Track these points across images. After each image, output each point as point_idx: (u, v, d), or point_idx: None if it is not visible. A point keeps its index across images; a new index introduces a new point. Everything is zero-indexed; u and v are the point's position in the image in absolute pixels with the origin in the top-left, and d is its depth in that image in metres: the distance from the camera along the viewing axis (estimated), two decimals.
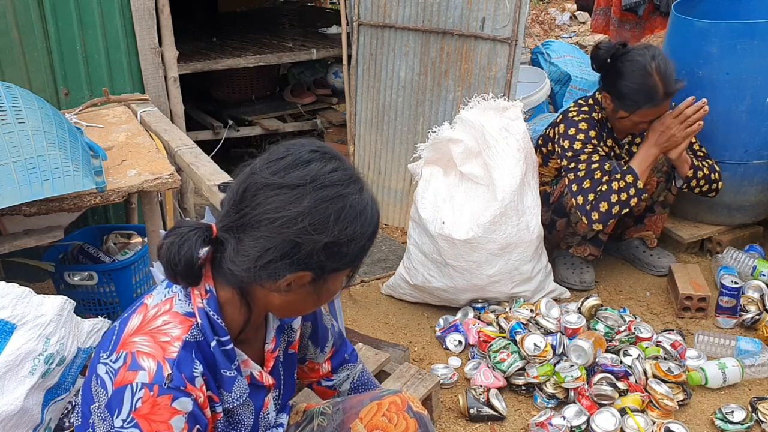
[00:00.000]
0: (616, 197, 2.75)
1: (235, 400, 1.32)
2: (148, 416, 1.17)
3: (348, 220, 1.21)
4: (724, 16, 3.20)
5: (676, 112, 2.75)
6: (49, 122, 2.13)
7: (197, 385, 1.23)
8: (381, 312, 2.96)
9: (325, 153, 1.24)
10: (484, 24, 3.28)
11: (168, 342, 1.22)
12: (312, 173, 1.20)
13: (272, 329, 1.42)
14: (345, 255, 1.23)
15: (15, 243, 2.21)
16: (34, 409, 1.78)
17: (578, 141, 2.82)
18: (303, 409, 1.63)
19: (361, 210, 1.23)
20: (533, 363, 2.42)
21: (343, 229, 1.20)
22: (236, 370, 1.32)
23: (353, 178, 1.24)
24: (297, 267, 1.21)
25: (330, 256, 1.22)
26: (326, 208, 1.19)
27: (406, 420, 1.49)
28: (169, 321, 1.25)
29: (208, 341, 1.26)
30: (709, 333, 2.63)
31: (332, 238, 1.20)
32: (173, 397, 1.19)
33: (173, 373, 1.19)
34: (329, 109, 4.49)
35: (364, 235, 1.24)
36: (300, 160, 1.22)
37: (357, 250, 1.25)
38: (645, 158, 2.79)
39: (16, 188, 1.95)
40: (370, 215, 1.24)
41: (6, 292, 1.81)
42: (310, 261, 1.21)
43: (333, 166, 1.23)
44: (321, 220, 1.19)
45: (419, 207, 2.79)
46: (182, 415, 1.20)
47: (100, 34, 3.03)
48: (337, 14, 4.47)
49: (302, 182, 1.19)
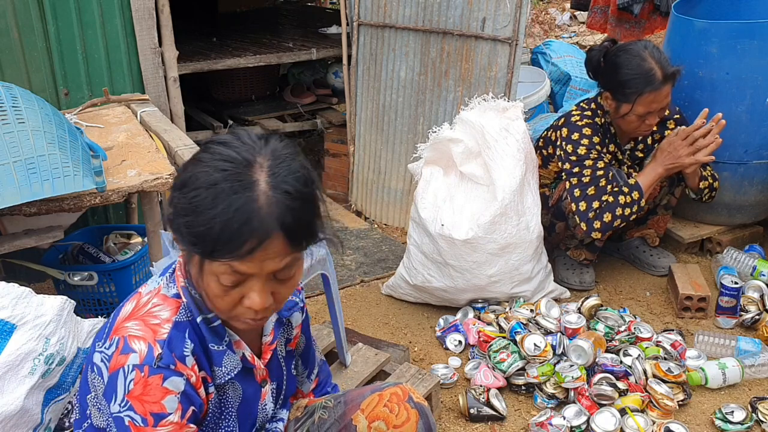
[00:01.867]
0: (620, 211, 2.75)
1: (226, 374, 1.32)
2: (141, 397, 1.18)
3: (193, 196, 1.13)
4: (724, 16, 3.20)
5: (683, 133, 2.73)
6: (49, 122, 2.13)
7: (188, 364, 1.24)
8: (381, 312, 2.96)
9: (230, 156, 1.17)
10: (484, 24, 3.28)
11: (158, 324, 1.24)
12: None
13: (271, 321, 1.43)
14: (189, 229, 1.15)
15: (15, 243, 2.21)
16: (34, 409, 1.78)
17: (582, 146, 2.80)
18: (304, 405, 1.64)
19: (211, 196, 1.12)
20: (533, 363, 2.42)
21: (186, 200, 1.14)
22: (227, 345, 1.32)
23: (235, 167, 1.14)
24: (185, 249, 1.20)
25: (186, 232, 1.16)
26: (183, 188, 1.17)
27: (407, 410, 1.50)
28: (158, 304, 1.27)
29: (195, 318, 1.27)
30: (709, 333, 2.63)
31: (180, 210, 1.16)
32: (164, 376, 1.20)
33: (163, 353, 1.21)
34: (329, 109, 4.49)
35: (201, 212, 1.12)
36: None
37: (197, 227, 1.13)
38: (651, 177, 2.79)
39: (16, 188, 1.95)
40: (213, 194, 1.12)
41: (6, 292, 1.81)
42: (186, 242, 1.17)
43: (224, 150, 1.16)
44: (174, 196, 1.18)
45: (419, 207, 2.79)
46: (175, 395, 1.21)
47: (100, 34, 3.02)
48: (337, 14, 4.47)
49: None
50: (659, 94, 2.70)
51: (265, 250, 1.13)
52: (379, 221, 3.82)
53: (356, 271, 3.28)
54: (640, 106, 2.72)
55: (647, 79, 2.68)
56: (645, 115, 2.74)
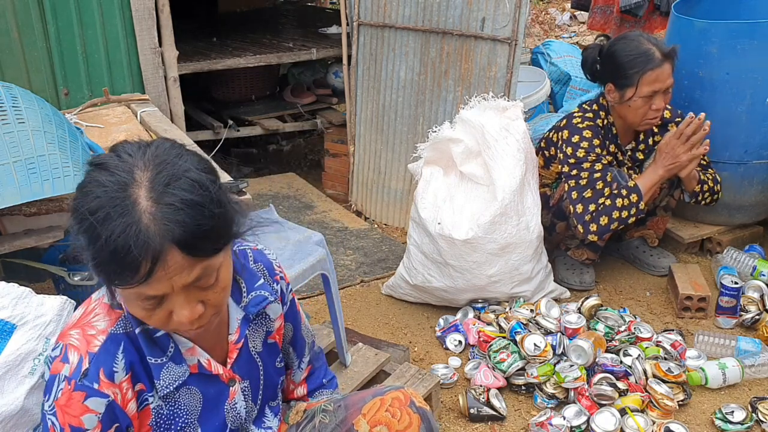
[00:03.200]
0: (618, 214, 2.75)
1: (165, 387, 1.30)
2: (64, 408, 1.20)
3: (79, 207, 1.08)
4: (724, 16, 3.20)
5: (677, 133, 2.73)
6: (49, 122, 2.13)
7: (117, 381, 1.23)
8: (381, 312, 2.96)
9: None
10: (484, 24, 3.28)
11: (93, 335, 1.23)
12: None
13: (236, 320, 1.40)
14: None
15: (15, 243, 2.21)
16: (34, 409, 1.78)
17: (581, 149, 2.80)
18: (303, 408, 1.62)
19: (91, 210, 1.07)
20: (533, 363, 2.42)
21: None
22: (170, 357, 1.29)
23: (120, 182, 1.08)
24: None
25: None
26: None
27: (409, 415, 1.48)
28: (99, 313, 1.26)
29: (134, 329, 1.26)
30: (709, 333, 2.63)
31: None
32: (87, 395, 1.20)
33: (89, 368, 1.21)
34: (329, 109, 4.49)
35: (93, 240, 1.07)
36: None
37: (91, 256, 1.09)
38: (651, 179, 2.79)
39: (16, 188, 1.94)
40: (93, 221, 1.06)
41: (6, 292, 1.80)
42: (92, 270, 1.12)
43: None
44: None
45: (419, 207, 2.79)
46: (95, 415, 1.21)
47: (100, 34, 3.03)
48: (337, 14, 4.47)
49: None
50: (662, 72, 2.71)
51: (165, 269, 1.06)
52: (379, 221, 3.82)
53: (356, 271, 3.28)
54: (644, 85, 2.72)
55: (647, 57, 2.71)
56: (650, 96, 2.74)
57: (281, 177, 4.36)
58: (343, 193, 4.09)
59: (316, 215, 3.83)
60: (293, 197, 4.05)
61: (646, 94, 2.73)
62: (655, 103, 2.75)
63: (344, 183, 4.07)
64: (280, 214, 2.78)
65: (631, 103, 2.77)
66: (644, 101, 2.75)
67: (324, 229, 3.63)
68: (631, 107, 2.79)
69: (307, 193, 4.12)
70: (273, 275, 1.48)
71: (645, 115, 2.79)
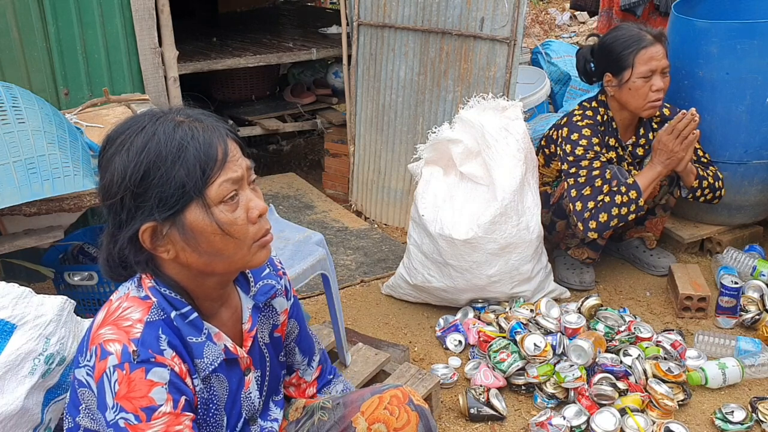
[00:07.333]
0: (617, 210, 2.75)
1: (209, 364, 1.31)
2: (128, 395, 1.18)
3: (129, 157, 1.20)
4: (724, 16, 3.20)
5: (668, 129, 2.75)
6: (49, 122, 2.13)
7: (168, 356, 1.23)
8: (381, 312, 2.96)
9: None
10: (483, 24, 3.28)
11: (130, 325, 1.23)
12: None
13: (247, 309, 1.43)
14: (156, 190, 1.20)
15: (15, 243, 2.21)
16: (34, 409, 1.78)
17: (580, 147, 2.81)
18: (303, 405, 1.63)
19: (145, 142, 1.21)
20: (533, 363, 2.42)
21: (131, 165, 1.20)
22: (206, 337, 1.32)
23: (136, 122, 1.25)
24: (134, 226, 1.22)
25: (142, 199, 1.21)
26: (110, 159, 1.24)
27: (407, 413, 1.49)
28: (128, 306, 1.26)
29: (168, 314, 1.27)
30: (709, 333, 2.63)
31: (128, 182, 1.20)
32: (146, 369, 1.19)
33: (138, 349, 1.20)
34: (329, 109, 4.49)
35: (161, 163, 1.20)
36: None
37: (165, 179, 1.20)
38: (650, 176, 2.79)
39: (16, 188, 1.95)
40: (156, 143, 1.21)
41: (6, 292, 1.80)
42: (136, 212, 1.21)
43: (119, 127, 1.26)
44: (105, 170, 1.24)
45: (419, 207, 2.79)
46: (161, 386, 1.20)
47: (100, 34, 3.03)
48: (337, 14, 4.48)
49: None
50: (656, 51, 2.76)
51: (232, 152, 1.25)
52: (379, 221, 3.82)
53: (356, 271, 3.28)
54: (640, 64, 2.76)
55: (639, 38, 2.79)
56: (648, 76, 2.76)
57: (281, 177, 4.36)
58: (343, 193, 4.09)
59: (316, 215, 3.83)
60: (293, 197, 4.05)
61: (644, 73, 2.76)
62: (654, 83, 2.77)
63: (344, 183, 4.07)
64: (280, 214, 2.78)
65: (631, 84, 2.78)
66: (643, 81, 2.77)
67: (324, 229, 3.64)
68: (632, 90, 2.79)
69: (307, 193, 4.12)
70: (276, 270, 1.53)
71: (646, 96, 2.79)
